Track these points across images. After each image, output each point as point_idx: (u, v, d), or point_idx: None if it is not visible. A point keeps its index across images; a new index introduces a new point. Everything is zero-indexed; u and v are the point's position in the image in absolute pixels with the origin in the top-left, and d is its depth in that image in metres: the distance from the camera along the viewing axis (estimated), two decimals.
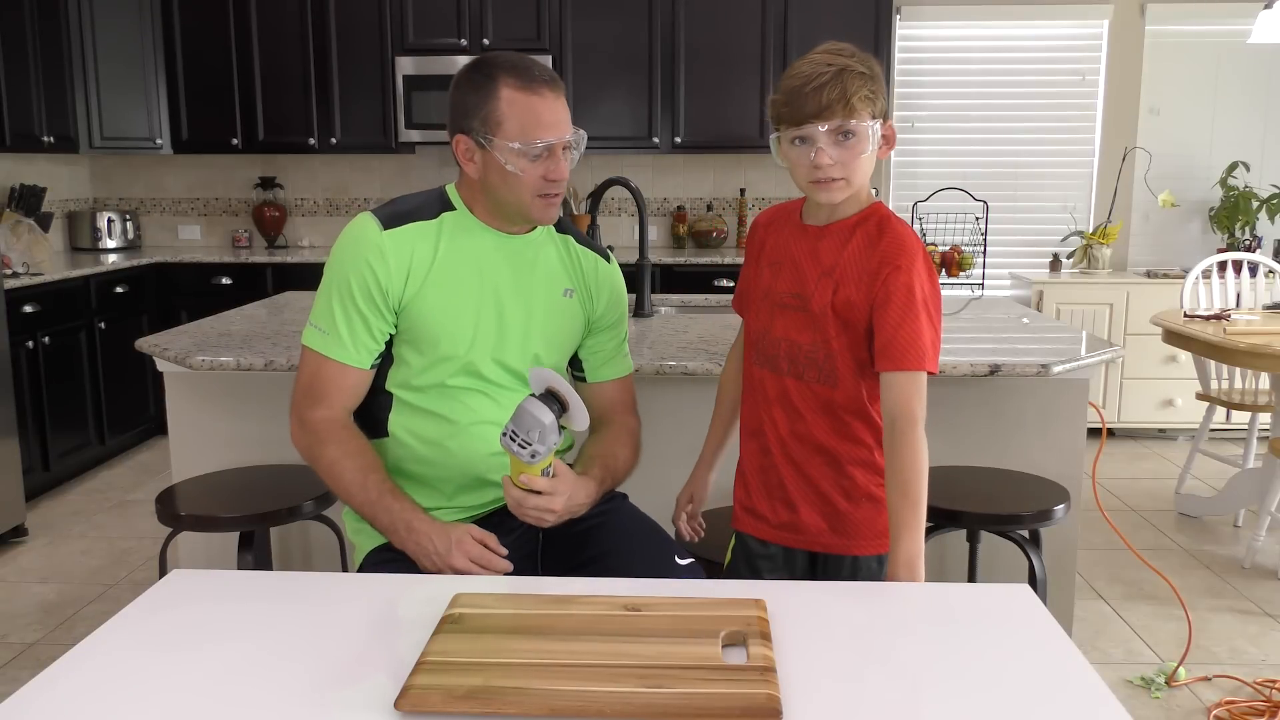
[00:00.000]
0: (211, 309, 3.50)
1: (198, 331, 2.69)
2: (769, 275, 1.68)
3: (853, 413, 1.63)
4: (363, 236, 1.66)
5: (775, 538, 1.71)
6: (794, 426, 1.65)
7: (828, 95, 1.51)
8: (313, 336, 1.69)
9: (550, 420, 1.49)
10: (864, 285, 1.57)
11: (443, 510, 1.72)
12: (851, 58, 1.55)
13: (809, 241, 1.64)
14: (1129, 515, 4.02)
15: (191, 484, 2.28)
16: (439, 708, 1.04)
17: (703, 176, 5.47)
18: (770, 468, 1.69)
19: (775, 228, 1.71)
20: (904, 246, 1.57)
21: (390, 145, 5.17)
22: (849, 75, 1.52)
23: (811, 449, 1.65)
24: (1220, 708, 2.54)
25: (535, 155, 1.63)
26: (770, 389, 1.67)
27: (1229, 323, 3.63)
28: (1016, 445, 2.59)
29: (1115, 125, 5.35)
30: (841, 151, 1.54)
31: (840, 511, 1.66)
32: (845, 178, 1.55)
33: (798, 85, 1.53)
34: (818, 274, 1.61)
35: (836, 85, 1.51)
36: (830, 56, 1.55)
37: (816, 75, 1.52)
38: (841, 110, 1.51)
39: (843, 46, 1.58)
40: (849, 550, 1.67)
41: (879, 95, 1.56)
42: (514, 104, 1.61)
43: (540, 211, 1.69)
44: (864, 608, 1.34)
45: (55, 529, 3.86)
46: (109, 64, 4.96)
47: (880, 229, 1.59)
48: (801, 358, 1.63)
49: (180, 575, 1.42)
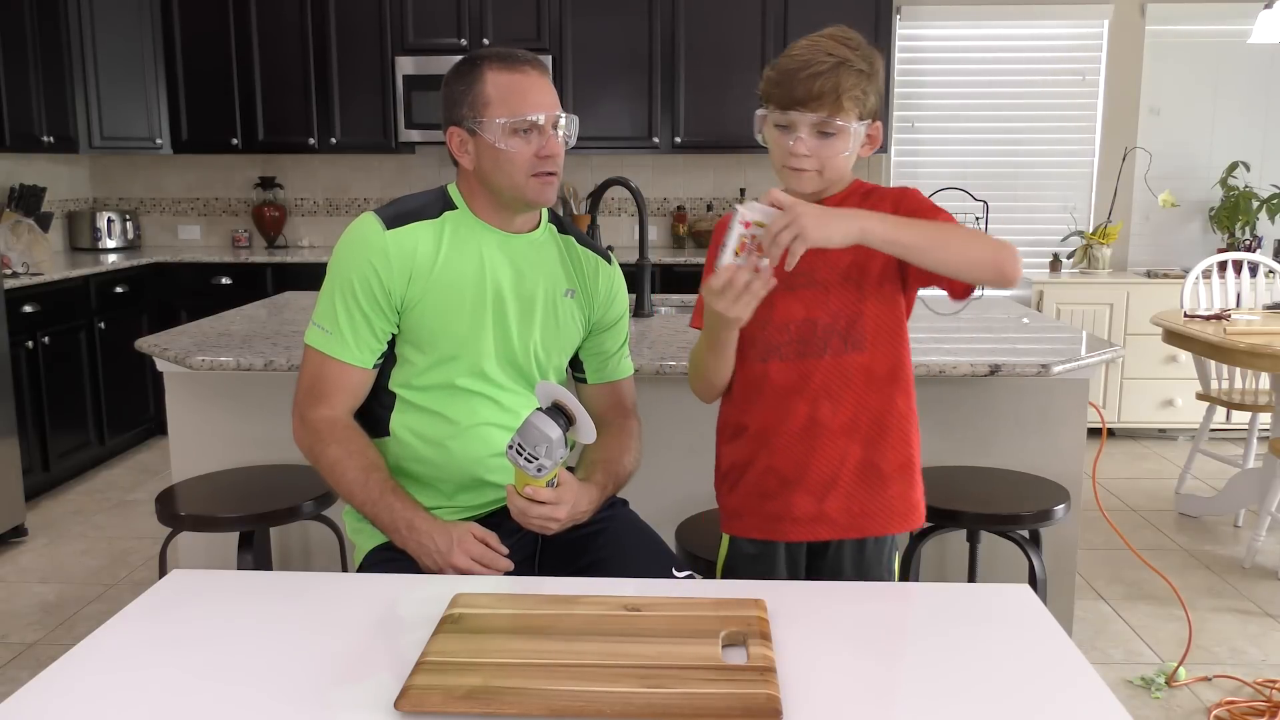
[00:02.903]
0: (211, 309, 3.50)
1: (198, 331, 2.69)
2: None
3: (884, 377, 1.59)
4: (366, 237, 1.66)
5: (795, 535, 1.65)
6: (815, 412, 1.59)
7: (819, 86, 1.47)
8: (315, 336, 1.69)
9: (557, 435, 1.48)
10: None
11: (442, 510, 1.72)
12: (855, 51, 1.51)
13: None
14: (1129, 515, 4.02)
15: (191, 484, 2.28)
16: (439, 708, 1.04)
17: (703, 176, 5.47)
18: (784, 466, 1.62)
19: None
20: (904, 190, 1.58)
21: (390, 145, 5.17)
22: (846, 70, 1.49)
23: (844, 429, 1.59)
24: (1220, 708, 2.54)
25: (525, 131, 1.63)
26: (780, 380, 1.61)
27: (1229, 323, 3.63)
28: (1016, 445, 2.59)
29: (1115, 125, 5.35)
30: (820, 145, 1.51)
31: (876, 491, 1.62)
32: (819, 170, 1.53)
33: (793, 68, 1.49)
34: None
35: (831, 78, 1.47)
36: (834, 44, 1.50)
37: (814, 62, 1.48)
38: (830, 104, 1.48)
39: (850, 36, 1.54)
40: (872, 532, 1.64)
41: (872, 95, 1.52)
42: (499, 83, 1.63)
43: (536, 192, 1.67)
44: (864, 608, 1.34)
45: (55, 529, 3.86)
46: (109, 64, 4.96)
47: (871, 189, 1.60)
48: (818, 334, 1.58)
49: (180, 575, 1.42)
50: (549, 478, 1.54)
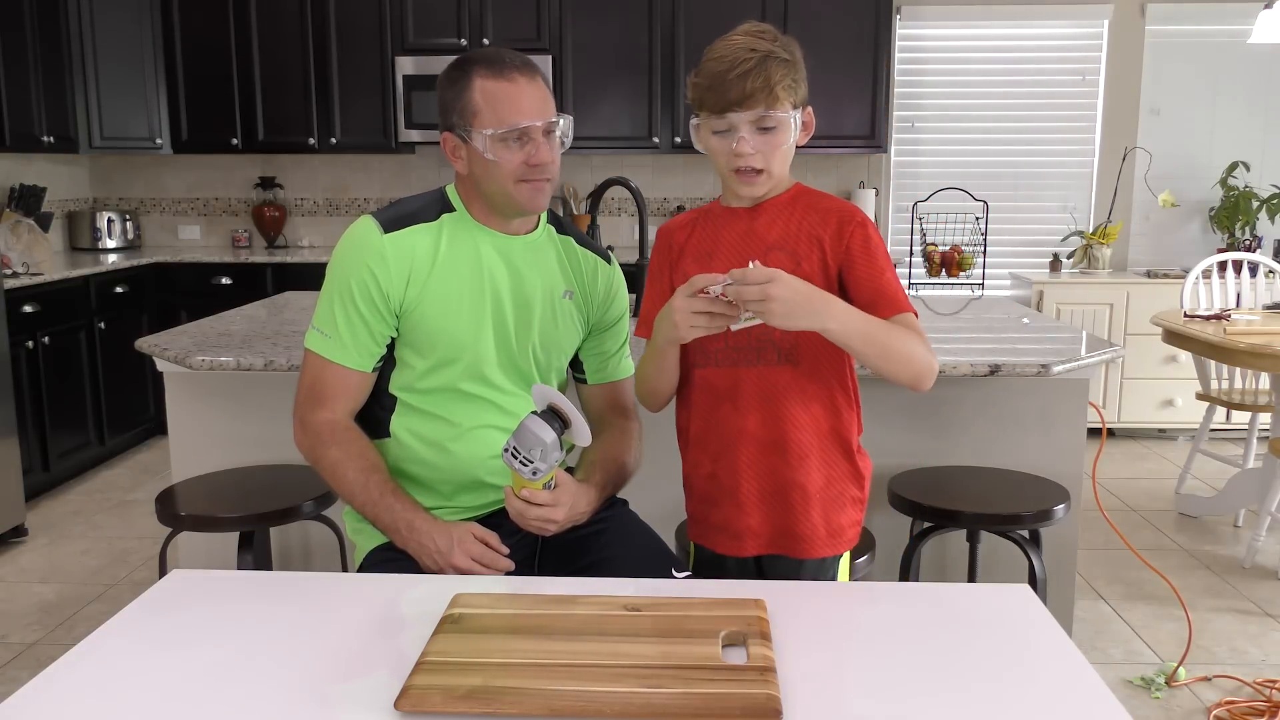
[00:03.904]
0: (211, 309, 3.50)
1: (198, 331, 2.69)
2: (694, 270, 1.55)
3: (816, 395, 1.56)
4: (364, 240, 1.66)
5: (727, 548, 1.63)
6: (742, 422, 1.57)
7: (751, 84, 1.47)
8: (315, 340, 1.69)
9: (552, 438, 1.49)
10: (824, 248, 1.54)
11: (443, 510, 1.72)
12: (774, 43, 1.51)
13: (742, 222, 1.59)
14: (1129, 515, 4.02)
15: (191, 484, 2.28)
16: (439, 708, 1.04)
17: (703, 177, 5.46)
18: (721, 474, 1.60)
19: (696, 225, 1.65)
20: (852, 206, 1.57)
21: (390, 145, 5.17)
22: (773, 62, 1.49)
23: (769, 444, 1.57)
24: (1220, 708, 2.54)
25: (513, 141, 1.63)
26: (712, 385, 1.59)
27: (1229, 323, 3.63)
28: (1016, 445, 2.59)
29: (1115, 125, 5.35)
30: (762, 141, 1.51)
31: (798, 512, 1.58)
32: (766, 169, 1.53)
33: (721, 70, 1.49)
34: (763, 249, 1.56)
35: (760, 73, 1.47)
36: (753, 40, 1.50)
37: (740, 61, 1.48)
38: (764, 99, 1.48)
39: (764, 29, 1.54)
40: (796, 553, 1.60)
41: (800, 82, 1.53)
42: (487, 92, 1.62)
43: (526, 197, 1.67)
44: (864, 608, 1.34)
45: (55, 529, 3.86)
46: (109, 64, 4.96)
47: (818, 198, 1.59)
48: (753, 343, 1.55)
49: (180, 575, 1.42)
50: (545, 480, 1.54)
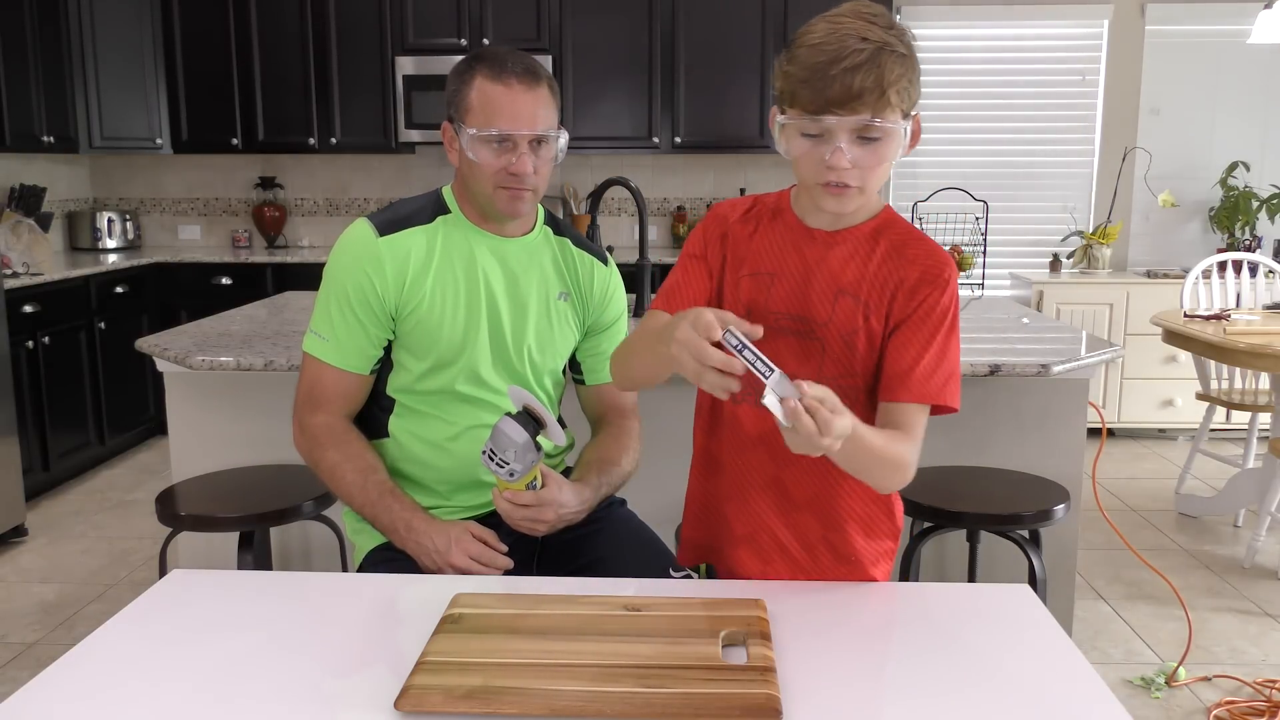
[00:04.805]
0: (211, 309, 3.50)
1: (198, 331, 2.69)
2: (750, 287, 1.37)
3: None
4: (359, 244, 1.66)
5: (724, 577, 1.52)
6: (780, 473, 1.41)
7: (860, 81, 1.19)
8: (312, 343, 1.70)
9: (524, 439, 1.48)
10: (895, 302, 1.32)
11: (441, 510, 1.73)
12: (889, 30, 1.23)
13: (816, 248, 1.35)
14: (1129, 515, 4.02)
15: (191, 484, 2.28)
16: (439, 708, 1.04)
17: (703, 176, 5.46)
18: (733, 517, 1.47)
19: (760, 226, 1.39)
20: (943, 258, 1.32)
21: (390, 145, 5.17)
22: (887, 57, 1.21)
23: (805, 502, 1.42)
24: (1220, 708, 2.54)
25: (494, 145, 1.63)
26: (750, 426, 1.40)
27: (1229, 323, 3.63)
28: (1016, 445, 2.59)
29: (1115, 125, 5.35)
30: (863, 154, 1.24)
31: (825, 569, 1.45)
32: (861, 186, 1.27)
33: (822, 62, 1.20)
34: (833, 292, 1.33)
35: (872, 70, 1.20)
36: (865, 25, 1.22)
37: (849, 52, 1.19)
38: (873, 103, 1.21)
39: (877, 11, 1.25)
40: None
41: (915, 85, 1.25)
42: (482, 92, 1.63)
43: (504, 203, 1.67)
44: (864, 608, 1.34)
45: (55, 529, 3.86)
46: (109, 64, 4.96)
47: (905, 237, 1.34)
48: None
49: (180, 575, 1.42)
50: (525, 480, 1.54)
